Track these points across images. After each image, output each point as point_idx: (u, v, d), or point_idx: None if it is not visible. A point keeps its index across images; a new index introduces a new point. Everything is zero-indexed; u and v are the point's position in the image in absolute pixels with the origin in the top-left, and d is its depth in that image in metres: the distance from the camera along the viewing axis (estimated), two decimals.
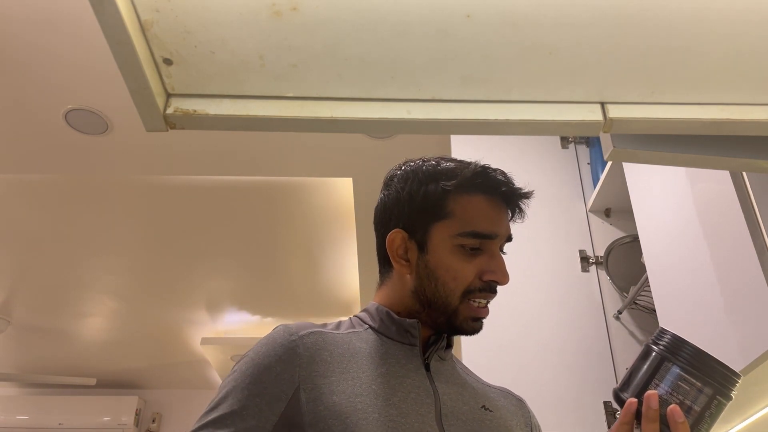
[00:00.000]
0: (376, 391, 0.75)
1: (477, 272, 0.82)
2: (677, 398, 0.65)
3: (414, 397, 0.77)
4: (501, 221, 0.86)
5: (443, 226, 0.83)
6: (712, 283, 1.10)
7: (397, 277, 0.88)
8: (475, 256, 0.83)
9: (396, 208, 0.88)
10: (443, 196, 0.84)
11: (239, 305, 3.68)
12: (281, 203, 2.82)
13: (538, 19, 0.55)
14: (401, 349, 0.83)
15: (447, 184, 0.84)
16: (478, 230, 0.82)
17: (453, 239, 0.82)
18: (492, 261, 0.83)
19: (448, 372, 0.87)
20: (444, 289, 0.82)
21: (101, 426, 4.17)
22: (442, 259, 0.82)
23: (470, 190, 0.84)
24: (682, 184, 1.23)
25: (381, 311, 0.86)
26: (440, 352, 0.87)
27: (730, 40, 0.57)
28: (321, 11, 0.53)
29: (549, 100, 0.61)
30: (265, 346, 0.78)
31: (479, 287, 0.83)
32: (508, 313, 1.71)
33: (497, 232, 0.84)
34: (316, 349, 0.77)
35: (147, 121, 0.57)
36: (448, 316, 0.83)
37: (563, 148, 2.01)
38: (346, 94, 0.59)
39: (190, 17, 0.53)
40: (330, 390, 0.73)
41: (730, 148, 0.69)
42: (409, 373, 0.80)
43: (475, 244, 0.82)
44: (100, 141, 2.27)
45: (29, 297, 3.52)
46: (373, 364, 0.78)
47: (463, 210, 0.83)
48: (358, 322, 0.87)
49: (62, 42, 1.87)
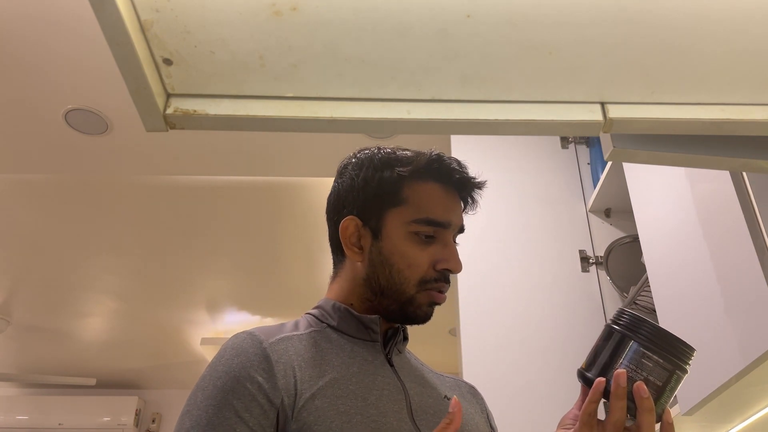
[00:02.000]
0: (354, 392, 0.74)
1: (430, 261, 0.82)
2: (641, 375, 0.68)
3: (387, 395, 0.77)
4: (455, 210, 0.86)
5: (398, 212, 0.83)
6: (712, 283, 1.10)
7: (349, 266, 0.88)
8: (428, 245, 0.83)
9: (350, 195, 0.87)
10: (398, 183, 0.84)
11: (239, 305, 3.68)
12: (281, 203, 2.82)
13: (538, 18, 0.55)
14: (363, 346, 0.82)
15: (402, 170, 0.84)
16: (432, 217, 0.83)
17: (407, 226, 0.82)
18: (445, 249, 0.83)
19: (408, 365, 0.87)
20: (399, 276, 0.81)
21: (101, 426, 4.17)
22: (397, 246, 0.82)
23: (425, 177, 0.85)
24: (682, 184, 1.23)
25: (339, 309, 0.85)
26: (399, 345, 0.86)
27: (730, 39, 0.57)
28: (321, 11, 0.53)
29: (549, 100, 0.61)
30: (237, 357, 0.73)
31: (434, 277, 0.82)
32: (508, 313, 1.71)
33: (451, 221, 0.84)
34: (289, 356, 0.75)
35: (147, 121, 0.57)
36: (401, 304, 0.82)
37: (563, 148, 2.01)
38: (346, 94, 0.59)
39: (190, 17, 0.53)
40: (311, 394, 0.72)
41: (730, 148, 0.69)
42: (377, 370, 0.79)
43: (429, 231, 0.83)
44: (100, 141, 2.27)
45: (29, 297, 3.52)
46: (343, 364, 0.77)
47: (418, 197, 0.84)
48: (315, 321, 0.85)
49: (62, 42, 1.87)
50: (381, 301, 0.83)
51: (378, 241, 0.83)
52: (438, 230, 0.83)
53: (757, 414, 1.17)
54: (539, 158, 1.98)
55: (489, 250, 1.80)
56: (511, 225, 1.85)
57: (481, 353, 1.64)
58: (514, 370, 1.63)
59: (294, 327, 0.83)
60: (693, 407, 1.14)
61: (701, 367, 1.12)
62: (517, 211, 1.87)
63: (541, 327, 1.69)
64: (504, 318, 1.70)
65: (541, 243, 1.82)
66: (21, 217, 2.87)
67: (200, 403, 0.71)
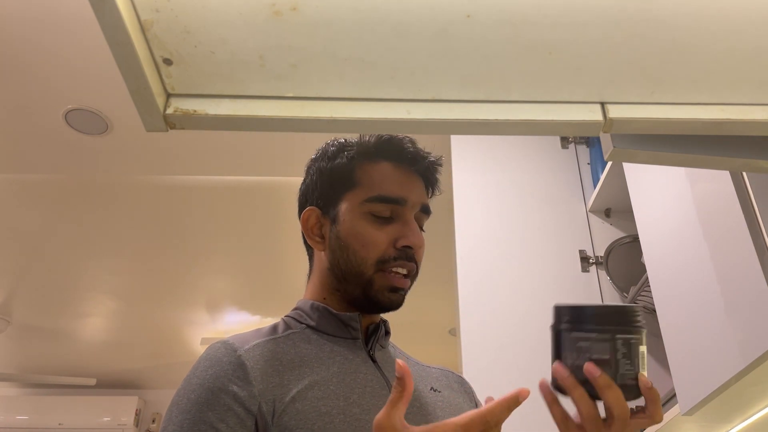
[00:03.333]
0: (335, 392, 0.73)
1: (390, 240, 0.80)
2: (585, 358, 0.66)
3: (371, 392, 0.76)
4: (411, 187, 0.84)
5: (351, 195, 0.83)
6: (712, 283, 1.09)
7: (317, 260, 0.88)
8: (386, 224, 0.81)
9: (309, 188, 0.89)
10: (349, 166, 0.84)
11: (239, 305, 3.68)
12: (281, 203, 2.82)
13: (538, 18, 0.55)
14: (344, 344, 0.81)
15: (351, 152, 0.85)
16: (384, 194, 0.81)
17: (361, 206, 0.82)
18: (404, 227, 0.82)
19: (391, 360, 0.86)
20: (355, 257, 0.80)
21: (101, 426, 4.17)
22: (352, 227, 0.81)
23: (376, 157, 0.84)
24: (682, 184, 1.23)
25: (317, 308, 0.84)
26: (381, 340, 0.86)
27: (731, 39, 0.57)
28: (321, 11, 0.53)
29: (549, 100, 0.61)
30: (210, 368, 0.73)
31: (394, 255, 0.80)
32: (508, 313, 1.71)
33: (405, 197, 0.82)
34: (265, 361, 0.74)
35: (147, 121, 0.57)
36: (363, 288, 0.81)
37: (563, 148, 2.01)
38: (346, 94, 0.59)
39: (190, 17, 0.53)
40: (291, 397, 0.71)
41: (730, 148, 0.69)
42: (359, 367, 0.79)
43: (385, 211, 0.81)
44: (100, 141, 2.27)
45: (29, 297, 3.52)
46: (323, 364, 0.76)
47: (370, 177, 0.83)
48: (293, 323, 0.84)
49: (62, 42, 1.87)
50: (345, 288, 0.82)
51: (335, 226, 0.83)
52: (395, 208, 0.82)
53: (757, 414, 1.17)
54: (539, 158, 1.98)
55: (489, 250, 1.80)
56: (511, 225, 1.85)
57: (481, 353, 1.64)
58: (514, 370, 1.63)
59: (272, 331, 0.82)
60: (693, 407, 1.14)
61: (701, 367, 1.12)
62: (517, 211, 1.87)
63: (541, 327, 1.68)
64: (504, 318, 1.70)
65: (541, 243, 1.82)
66: (21, 217, 2.87)
67: (175, 418, 0.71)
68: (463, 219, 1.84)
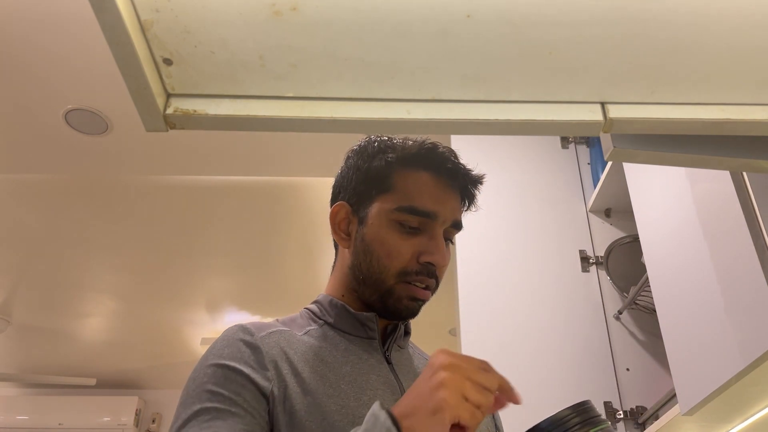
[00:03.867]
0: (346, 391, 0.73)
1: (414, 252, 0.79)
2: None
3: (382, 394, 0.75)
4: (444, 202, 0.82)
5: (384, 199, 0.81)
6: (712, 283, 1.09)
7: (340, 256, 0.87)
8: (413, 236, 0.79)
9: (344, 181, 0.87)
10: (387, 170, 0.82)
11: (239, 305, 3.68)
12: (281, 203, 2.82)
13: (538, 18, 0.55)
14: (360, 344, 0.80)
15: (391, 156, 0.82)
16: (415, 206, 0.79)
17: (391, 213, 0.80)
18: (431, 242, 0.79)
19: (408, 362, 0.85)
20: (378, 264, 0.79)
21: (101, 426, 4.18)
22: (378, 233, 0.80)
23: (415, 165, 0.82)
24: (682, 184, 1.23)
25: (335, 305, 0.83)
26: (399, 341, 0.85)
27: (731, 39, 0.57)
28: (321, 11, 0.53)
29: (549, 100, 0.61)
30: (227, 347, 0.73)
31: (416, 269, 0.79)
32: (508, 313, 1.71)
33: (437, 212, 0.80)
34: (280, 349, 0.74)
35: (147, 121, 0.57)
36: (380, 295, 0.79)
37: (563, 148, 2.01)
38: (346, 94, 0.59)
39: (190, 17, 0.53)
40: (303, 389, 0.71)
41: (730, 148, 0.69)
42: (372, 368, 0.78)
43: (414, 222, 0.79)
44: (100, 141, 2.27)
45: (29, 297, 3.52)
46: (336, 363, 0.76)
47: (405, 185, 0.81)
48: (312, 317, 0.84)
49: (62, 42, 1.87)
50: (363, 291, 0.81)
51: (363, 227, 0.82)
52: (424, 221, 0.80)
53: (757, 414, 1.17)
54: (539, 158, 1.98)
55: (489, 250, 1.80)
56: (511, 225, 1.85)
57: (481, 353, 1.64)
58: (514, 370, 1.63)
59: (290, 323, 0.82)
60: (693, 407, 1.14)
61: (701, 367, 1.12)
62: (517, 211, 1.87)
63: (541, 327, 1.69)
64: (504, 318, 1.70)
65: (541, 243, 1.82)
66: (21, 217, 2.87)
67: (192, 391, 0.71)
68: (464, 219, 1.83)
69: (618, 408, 1.59)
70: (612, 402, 1.59)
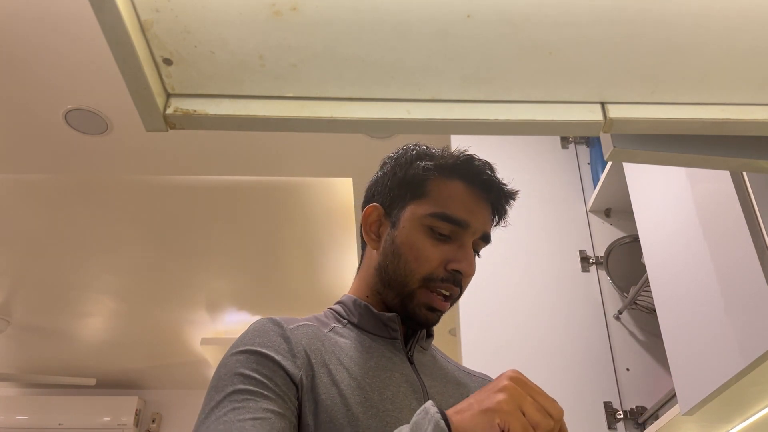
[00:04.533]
0: (370, 385, 0.74)
1: (442, 260, 0.80)
2: None
3: (404, 392, 0.76)
4: (477, 213, 0.83)
5: (418, 204, 0.83)
6: (712, 283, 1.09)
7: (368, 256, 0.88)
8: (443, 243, 0.81)
9: (379, 185, 0.88)
10: (423, 176, 0.84)
11: (239, 305, 3.68)
12: (281, 203, 2.82)
13: (538, 18, 0.55)
14: (383, 343, 0.82)
15: (429, 163, 0.84)
16: (449, 213, 0.81)
17: (423, 219, 0.81)
18: (459, 251, 0.81)
19: (431, 363, 0.86)
20: (405, 267, 0.81)
21: (101, 426, 4.18)
22: (408, 237, 0.81)
23: (451, 175, 0.84)
24: (682, 184, 1.23)
25: (359, 306, 0.85)
26: (422, 342, 0.86)
27: (731, 39, 0.57)
28: (321, 11, 0.53)
29: (549, 100, 0.61)
30: (258, 337, 0.75)
31: (442, 276, 0.80)
32: (508, 313, 1.71)
33: (470, 222, 0.82)
34: (309, 340, 0.76)
35: (147, 121, 0.57)
36: (402, 298, 0.81)
37: (563, 148, 2.01)
38: (346, 94, 0.59)
39: (190, 17, 0.53)
40: (329, 379, 0.72)
41: (730, 148, 0.69)
42: (396, 366, 0.79)
43: (446, 229, 0.81)
44: (100, 141, 2.27)
45: (29, 297, 3.52)
46: (361, 359, 0.77)
47: (440, 192, 0.83)
48: (336, 317, 0.85)
49: (62, 42, 1.87)
50: (387, 293, 0.83)
51: (394, 230, 0.84)
52: (456, 230, 0.81)
53: (757, 414, 1.17)
54: (539, 158, 1.98)
55: (489, 250, 1.80)
56: (512, 225, 1.84)
57: (481, 353, 1.64)
58: None
59: (315, 321, 0.83)
60: (693, 407, 1.14)
61: (701, 367, 1.12)
62: (517, 211, 1.87)
63: (541, 327, 1.69)
64: (504, 318, 1.70)
65: (541, 243, 1.82)
66: (21, 217, 2.87)
67: (224, 375, 0.71)
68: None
69: (618, 408, 1.59)
70: (612, 402, 1.59)
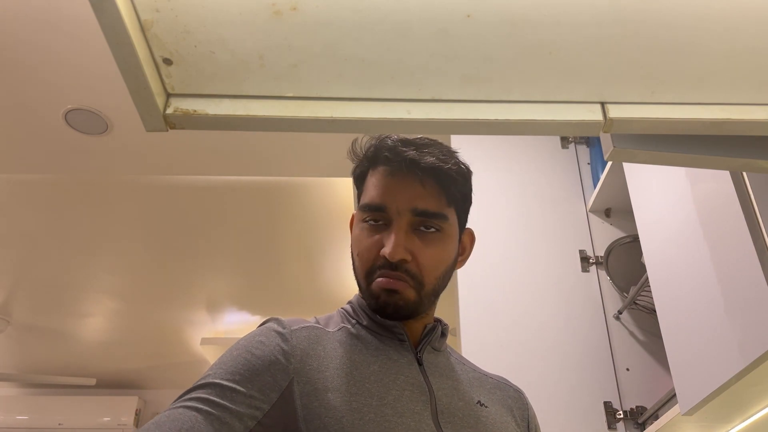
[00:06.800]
0: (370, 390, 0.73)
1: (377, 247, 0.78)
2: None
3: (408, 395, 0.75)
4: (395, 192, 0.78)
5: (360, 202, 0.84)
6: (712, 283, 1.09)
7: None
8: (377, 231, 0.79)
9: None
10: (360, 174, 0.85)
11: (239, 305, 3.68)
12: (281, 203, 2.82)
13: (538, 18, 0.55)
14: (391, 344, 0.81)
15: (363, 161, 0.85)
16: (367, 201, 0.80)
17: (358, 215, 0.83)
18: (387, 236, 0.77)
19: (442, 365, 0.84)
20: (356, 265, 0.82)
21: (101, 426, 4.18)
22: (354, 235, 0.83)
23: (376, 163, 0.83)
24: (682, 184, 1.23)
25: (364, 307, 0.84)
26: (434, 342, 0.85)
27: (731, 39, 0.57)
28: (321, 11, 0.53)
29: (549, 100, 0.61)
30: (258, 335, 0.76)
31: (379, 264, 0.77)
32: (508, 313, 1.71)
33: (384, 203, 0.78)
34: (310, 343, 0.76)
35: (147, 121, 0.57)
36: (367, 296, 0.80)
37: (563, 148, 2.01)
38: (346, 94, 0.59)
39: (190, 17, 0.53)
40: (324, 386, 0.71)
41: (730, 148, 0.69)
42: (401, 369, 0.78)
43: (372, 217, 0.79)
44: (100, 141, 2.27)
45: (29, 297, 3.52)
46: (365, 361, 0.76)
47: (368, 184, 0.83)
48: (347, 317, 0.85)
49: (62, 42, 1.87)
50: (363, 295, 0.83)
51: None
52: (380, 215, 0.79)
53: (757, 414, 1.17)
54: (539, 158, 1.98)
55: (489, 250, 1.80)
56: (511, 225, 1.85)
57: (481, 353, 1.64)
58: (514, 370, 1.63)
59: (325, 323, 0.83)
60: (693, 407, 1.14)
61: (701, 367, 1.12)
62: (517, 211, 1.87)
63: (541, 327, 1.69)
64: (504, 318, 1.70)
65: (541, 243, 1.82)
66: (21, 217, 2.87)
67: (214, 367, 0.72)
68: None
69: (618, 408, 1.59)
70: (612, 402, 1.59)
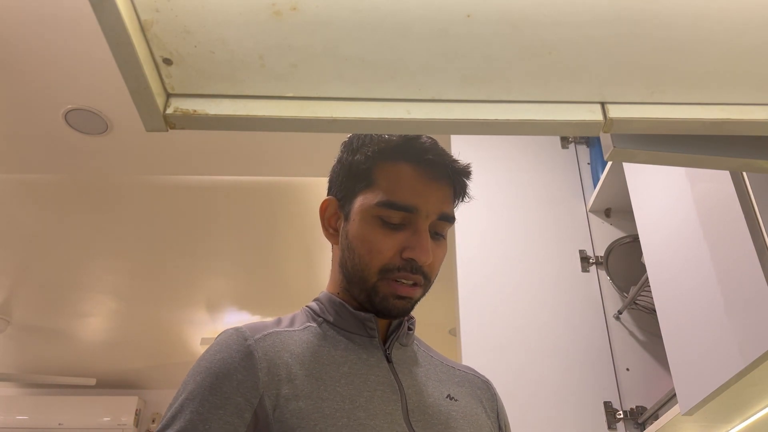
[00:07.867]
0: (341, 394, 0.72)
1: (397, 249, 0.76)
2: None
3: (380, 395, 0.74)
4: (427, 195, 0.78)
5: (366, 195, 0.79)
6: (712, 283, 1.09)
7: (333, 252, 0.86)
8: (396, 231, 0.77)
9: (333, 176, 0.86)
10: (367, 163, 0.80)
11: (239, 305, 3.68)
12: (281, 203, 2.82)
13: (538, 18, 0.55)
14: (360, 342, 0.79)
15: (371, 149, 0.80)
16: (395, 201, 0.76)
17: (372, 209, 0.78)
18: (413, 237, 0.76)
19: (411, 360, 0.83)
20: (360, 261, 0.78)
21: (101, 426, 4.18)
22: (359, 230, 0.78)
23: (396, 158, 0.79)
24: (682, 184, 1.23)
25: (335, 303, 0.82)
26: (402, 338, 0.83)
27: (731, 39, 0.57)
28: (321, 11, 0.53)
29: (549, 100, 0.61)
30: (219, 353, 0.72)
31: (399, 265, 0.76)
32: (508, 314, 1.71)
33: (419, 206, 0.77)
34: (275, 352, 0.73)
35: (147, 121, 0.57)
36: (366, 293, 0.78)
37: (563, 148, 2.02)
38: (346, 94, 0.59)
39: (190, 17, 0.53)
40: (295, 395, 0.70)
41: (730, 148, 0.69)
42: (371, 369, 0.77)
43: (396, 217, 0.77)
44: (100, 141, 2.27)
45: (29, 297, 3.52)
46: (334, 363, 0.75)
47: (386, 179, 0.79)
48: (312, 315, 0.83)
49: (62, 42, 1.87)
50: (352, 288, 0.80)
51: (347, 223, 0.81)
52: (406, 216, 0.77)
53: (757, 414, 1.17)
54: (539, 158, 1.98)
55: (489, 250, 1.80)
56: (512, 225, 1.85)
57: (481, 353, 1.64)
58: (514, 370, 1.63)
59: (290, 322, 0.81)
60: (693, 407, 1.14)
61: (701, 367, 1.12)
62: (517, 211, 1.87)
63: (541, 327, 1.69)
64: (504, 318, 1.70)
65: (541, 243, 1.82)
66: (21, 217, 2.87)
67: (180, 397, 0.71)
68: (464, 219, 1.84)
69: (618, 408, 1.59)
70: (612, 402, 1.59)
